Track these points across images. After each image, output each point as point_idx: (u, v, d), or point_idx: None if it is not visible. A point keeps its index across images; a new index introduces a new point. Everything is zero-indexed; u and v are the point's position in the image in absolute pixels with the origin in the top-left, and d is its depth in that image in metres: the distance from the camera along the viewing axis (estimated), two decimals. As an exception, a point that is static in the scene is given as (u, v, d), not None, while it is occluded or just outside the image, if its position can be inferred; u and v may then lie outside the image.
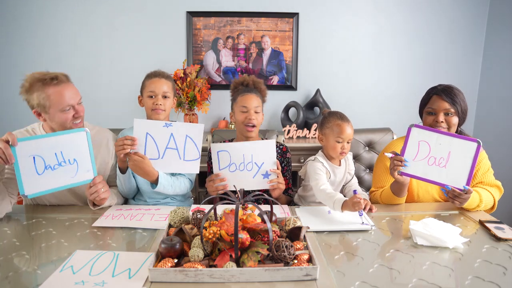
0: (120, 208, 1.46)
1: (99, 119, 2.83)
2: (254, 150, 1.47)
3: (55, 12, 2.74)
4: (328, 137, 1.55)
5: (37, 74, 1.35)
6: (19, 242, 1.15)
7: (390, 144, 1.68)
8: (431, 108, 1.52)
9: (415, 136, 1.38)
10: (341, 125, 1.51)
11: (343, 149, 1.52)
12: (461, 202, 1.34)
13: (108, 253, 1.07)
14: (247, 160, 1.47)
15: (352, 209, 1.26)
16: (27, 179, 1.24)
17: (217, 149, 1.47)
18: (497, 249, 1.10)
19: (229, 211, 1.06)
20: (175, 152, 1.44)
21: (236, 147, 1.48)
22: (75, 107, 1.40)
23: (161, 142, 1.42)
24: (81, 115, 1.43)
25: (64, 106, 1.36)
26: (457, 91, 1.50)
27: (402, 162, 1.38)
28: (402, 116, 2.91)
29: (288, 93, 2.93)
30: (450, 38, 2.89)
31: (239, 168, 1.48)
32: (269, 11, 2.81)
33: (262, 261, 0.97)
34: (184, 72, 2.69)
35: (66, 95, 1.36)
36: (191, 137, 1.43)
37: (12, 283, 0.92)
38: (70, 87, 1.39)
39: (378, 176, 1.64)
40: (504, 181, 1.57)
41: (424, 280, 0.93)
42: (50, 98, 1.34)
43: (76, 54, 2.81)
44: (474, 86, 2.98)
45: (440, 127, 1.48)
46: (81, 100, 1.44)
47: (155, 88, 1.55)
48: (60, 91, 1.35)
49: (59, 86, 1.35)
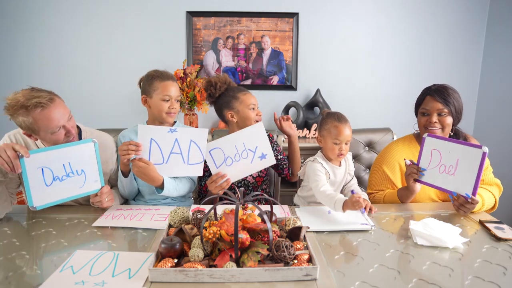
0: (120, 208, 1.46)
1: (99, 119, 2.83)
2: (245, 138, 1.46)
3: (55, 12, 2.74)
4: (326, 139, 1.54)
5: (20, 97, 1.26)
6: (19, 242, 1.15)
7: (389, 147, 1.67)
8: (424, 109, 1.53)
9: (428, 145, 1.40)
10: (339, 126, 1.50)
11: (341, 150, 1.51)
12: (465, 212, 1.35)
13: (108, 253, 1.07)
14: (240, 149, 1.46)
15: (353, 208, 1.27)
16: (35, 191, 1.25)
17: (208, 149, 1.45)
18: (497, 249, 1.10)
19: (229, 211, 1.06)
20: (179, 156, 1.43)
21: (225, 141, 1.46)
22: (65, 126, 1.33)
23: (165, 147, 1.41)
24: (72, 132, 1.37)
25: (53, 129, 1.30)
26: (451, 90, 1.50)
27: (418, 171, 1.41)
28: (402, 116, 2.91)
29: (288, 93, 2.93)
30: (450, 38, 2.89)
31: (235, 159, 1.47)
32: (269, 11, 2.81)
33: (262, 261, 0.97)
34: (184, 72, 2.69)
35: (54, 118, 1.29)
36: (196, 141, 1.42)
37: (12, 283, 0.92)
38: (57, 107, 1.30)
39: (376, 180, 1.64)
40: (504, 181, 1.57)
41: (424, 280, 0.93)
42: (38, 124, 1.27)
43: (76, 54, 2.81)
44: (474, 86, 2.98)
45: (434, 127, 1.50)
46: (70, 114, 1.37)
47: (170, 92, 1.53)
48: (46, 114, 1.27)
49: (44, 110, 1.27)
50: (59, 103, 1.33)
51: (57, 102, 1.32)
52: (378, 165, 1.65)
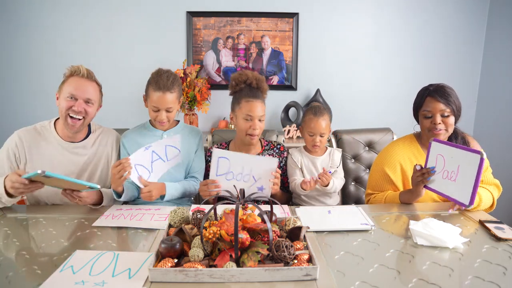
0: (120, 208, 1.46)
1: (99, 119, 2.83)
2: (255, 164, 1.48)
3: (54, 12, 2.74)
4: (303, 131, 1.68)
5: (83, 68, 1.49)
6: (19, 242, 1.15)
7: (389, 147, 1.66)
8: (426, 110, 1.49)
9: (434, 150, 1.37)
10: (313, 119, 1.61)
11: (315, 142, 1.62)
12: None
13: (108, 253, 1.07)
14: (245, 172, 1.48)
15: (312, 184, 1.51)
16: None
17: (218, 155, 1.48)
18: (497, 249, 1.10)
19: (229, 211, 1.06)
20: (159, 160, 1.52)
21: (238, 158, 1.48)
22: (78, 100, 1.44)
23: (146, 162, 1.49)
24: (78, 111, 1.44)
25: (67, 94, 1.44)
26: (449, 89, 1.48)
27: (428, 175, 1.36)
28: (402, 116, 2.90)
29: (288, 93, 2.93)
30: (450, 38, 2.89)
31: (236, 178, 1.49)
32: (269, 11, 2.81)
33: (262, 261, 0.97)
34: (184, 72, 2.69)
35: (75, 85, 1.45)
36: (170, 144, 1.53)
37: (12, 283, 0.92)
38: (85, 82, 1.47)
39: (375, 181, 1.63)
40: (503, 181, 1.57)
41: (424, 280, 0.93)
42: (65, 82, 1.47)
43: (76, 54, 2.80)
44: (474, 86, 2.98)
45: (439, 129, 1.47)
46: (91, 101, 1.48)
47: (158, 104, 1.53)
48: (75, 80, 1.46)
49: (77, 77, 1.47)
50: (91, 84, 1.50)
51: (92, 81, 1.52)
52: (379, 165, 1.63)
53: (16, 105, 2.84)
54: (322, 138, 1.62)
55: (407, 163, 1.57)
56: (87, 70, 1.50)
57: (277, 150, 1.71)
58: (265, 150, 1.69)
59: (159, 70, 1.57)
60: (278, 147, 1.73)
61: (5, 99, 2.83)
